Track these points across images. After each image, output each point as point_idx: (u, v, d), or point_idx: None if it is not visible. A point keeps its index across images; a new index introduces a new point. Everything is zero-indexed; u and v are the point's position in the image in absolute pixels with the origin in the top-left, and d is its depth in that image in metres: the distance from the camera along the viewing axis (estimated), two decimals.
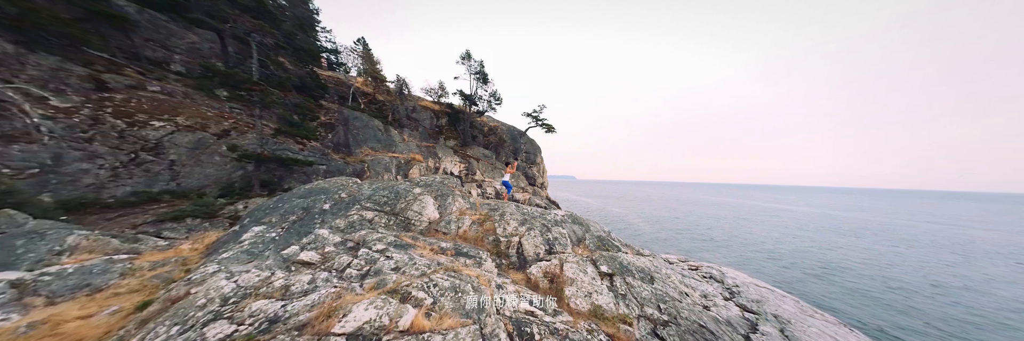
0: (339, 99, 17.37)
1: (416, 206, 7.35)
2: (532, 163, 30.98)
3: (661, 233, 26.67)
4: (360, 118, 17.39)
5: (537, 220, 7.67)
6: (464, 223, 7.39)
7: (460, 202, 8.35)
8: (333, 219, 6.28)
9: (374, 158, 16.46)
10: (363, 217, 6.58)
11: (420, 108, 23.25)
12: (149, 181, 8.85)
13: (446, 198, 8.11)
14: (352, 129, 16.64)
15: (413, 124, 21.76)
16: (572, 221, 8.31)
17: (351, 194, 7.56)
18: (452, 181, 9.41)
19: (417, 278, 4.13)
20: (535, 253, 6.63)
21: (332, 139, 15.35)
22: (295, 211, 6.51)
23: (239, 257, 4.78)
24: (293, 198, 7.10)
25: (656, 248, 20.28)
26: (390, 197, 7.44)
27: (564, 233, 7.37)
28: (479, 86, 26.70)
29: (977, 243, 25.85)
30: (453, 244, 6.21)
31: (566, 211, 9.31)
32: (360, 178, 14.78)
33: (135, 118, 9.10)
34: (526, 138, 31.31)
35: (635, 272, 6.23)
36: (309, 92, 14.08)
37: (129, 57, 10.03)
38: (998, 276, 16.58)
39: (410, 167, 17.68)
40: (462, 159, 22.06)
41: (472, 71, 26.13)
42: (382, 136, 18.20)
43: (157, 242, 6.46)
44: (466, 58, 25.53)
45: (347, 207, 6.86)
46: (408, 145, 19.43)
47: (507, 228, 7.24)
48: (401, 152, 18.46)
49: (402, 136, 19.93)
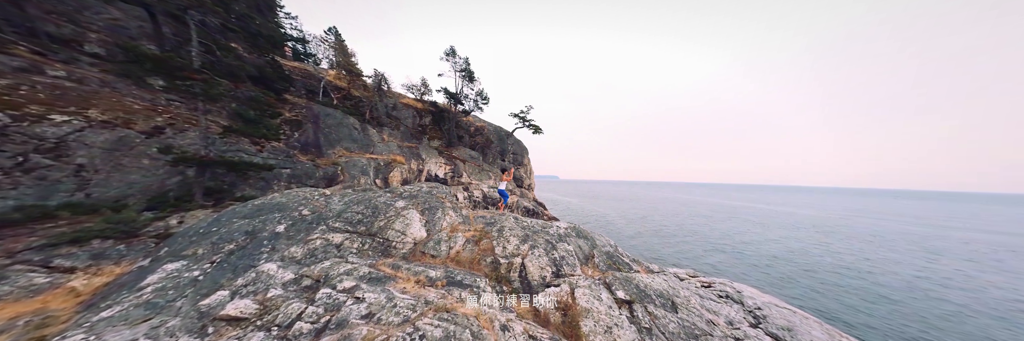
0: (308, 93, 15.39)
1: (399, 224, 5.98)
2: (520, 164, 29.91)
3: (640, 231, 29.25)
4: (333, 115, 15.52)
5: (540, 236, 6.54)
6: (457, 242, 6.11)
7: (451, 216, 7.04)
8: (288, 246, 4.80)
9: (349, 160, 14.69)
10: (329, 242, 5.13)
11: (401, 106, 21.48)
12: (44, 192, 6.85)
13: (435, 212, 6.77)
14: (323, 127, 14.76)
15: (394, 123, 20.00)
16: (577, 235, 7.34)
17: (316, 211, 6.05)
18: (441, 190, 8.04)
19: (397, 328, 3.04)
20: (541, 277, 5.53)
21: (299, 138, 13.45)
22: (234, 237, 4.93)
23: (131, 314, 3.26)
24: (234, 219, 5.50)
25: (640, 247, 22.72)
26: (366, 213, 6.01)
27: (570, 251, 6.32)
28: (465, 84, 25.27)
29: (886, 234, 32.03)
30: (444, 270, 4.95)
31: (569, 223, 8.34)
32: (333, 182, 13.03)
33: (24, 110, 7.04)
34: (513, 139, 30.19)
35: (655, 297, 5.27)
36: (269, 84, 12.15)
37: (20, 32, 7.86)
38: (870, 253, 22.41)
39: (391, 170, 16.02)
40: (447, 160, 20.56)
41: (457, 68, 24.66)
42: (358, 135, 16.39)
43: (33, 279, 4.69)
44: (450, 54, 24.07)
45: (309, 228, 5.38)
46: (388, 145, 17.71)
47: (507, 247, 6.05)
48: (380, 153, 16.73)
49: (381, 135, 18.16)
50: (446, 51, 24.09)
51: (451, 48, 24.29)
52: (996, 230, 38.45)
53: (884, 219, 47.83)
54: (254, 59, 11.47)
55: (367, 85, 17.78)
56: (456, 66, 24.63)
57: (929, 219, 48.97)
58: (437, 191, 8.01)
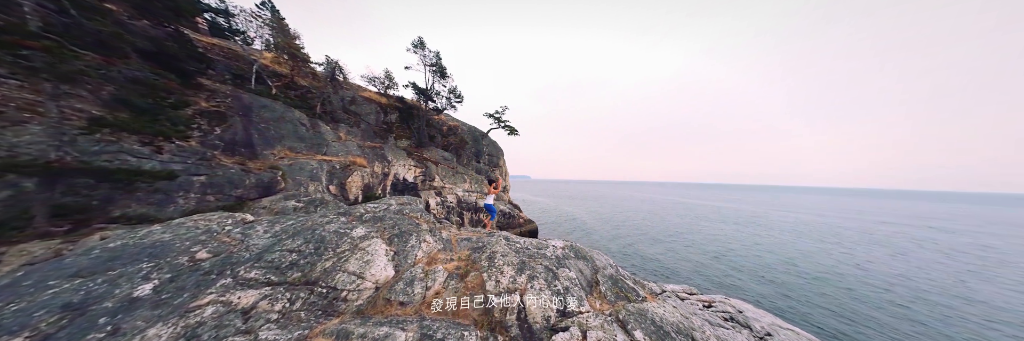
0: (234, 79, 12.21)
1: (355, 262, 4.07)
2: (495, 166, 28.24)
3: (607, 228, 32.14)
4: (271, 108, 12.52)
5: (538, 261, 5.14)
6: (436, 280, 4.39)
7: (429, 242, 5.23)
8: (148, 325, 2.69)
9: (294, 162, 11.91)
10: (231, 306, 3.07)
11: (362, 100, 18.63)
12: None
13: (407, 239, 4.92)
14: (257, 122, 11.78)
15: (353, 119, 17.16)
16: (575, 255, 6.07)
17: (221, 251, 3.86)
18: (414, 207, 6.12)
19: None
20: (544, 318, 4.12)
21: (222, 135, 10.44)
22: (33, 319, 2.64)
23: None
24: (52, 279, 3.11)
25: (610, 245, 24.38)
26: (306, 251, 3.99)
27: (573, 278, 5.01)
28: (436, 80, 22.99)
29: (808, 226, 38.09)
30: (417, 325, 3.29)
31: (564, 242, 6.97)
32: (270, 191, 10.26)
33: None
34: (488, 140, 28.45)
35: (674, 335, 4.22)
36: (173, 64, 9.12)
37: None
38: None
39: (349, 174, 13.43)
40: (418, 162, 18.22)
41: (427, 62, 22.30)
42: (307, 133, 13.53)
43: None
44: (419, 46, 21.65)
45: (201, 284, 3.25)
46: (346, 145, 14.99)
47: (501, 280, 4.51)
48: (336, 154, 14.01)
49: (337, 133, 15.35)
50: (414, 42, 21.63)
51: (419, 39, 21.87)
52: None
53: (784, 209, 58.16)
54: (147, 29, 8.41)
55: (317, 74, 14.81)
56: (426, 60, 22.26)
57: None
58: (410, 209, 6.09)
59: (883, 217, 52.14)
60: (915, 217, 53.35)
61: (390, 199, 6.57)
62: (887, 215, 57.95)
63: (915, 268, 19.77)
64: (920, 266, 20.31)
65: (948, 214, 60.07)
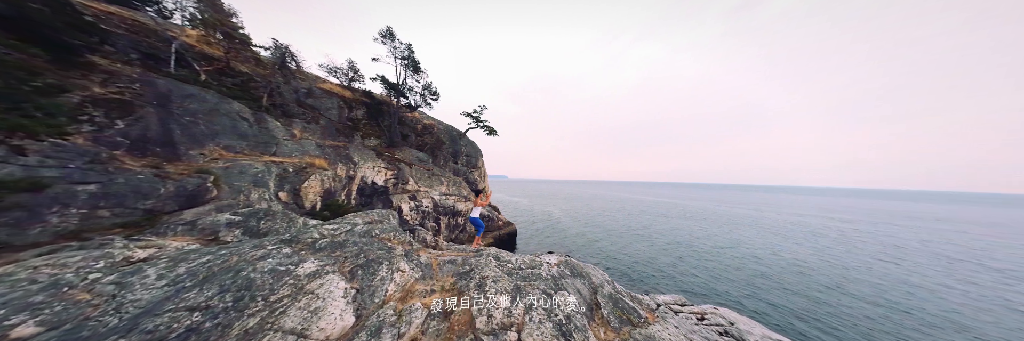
0: (145, 59, 9.72)
1: (295, 313, 2.73)
2: (473, 167, 26.83)
3: (581, 227, 35.51)
4: (200, 98, 10.18)
5: (533, 284, 4.36)
6: (412, 323, 3.29)
7: (405, 271, 4.01)
8: None
9: (232, 164, 9.78)
10: None
11: (321, 92, 16.32)
12: None
13: (376, 270, 3.68)
14: (181, 114, 9.46)
15: (310, 114, 14.90)
16: (571, 273, 5.57)
17: (66, 320, 2.29)
18: (386, 227, 4.77)
19: None
20: None
21: (127, 130, 8.11)
22: None
23: None
24: None
25: (586, 244, 26.34)
26: (219, 305, 2.55)
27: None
28: (409, 75, 21.08)
29: (745, 218, 45.47)
30: None
31: (557, 257, 6.47)
32: (196, 201, 8.16)
33: None
34: (466, 140, 26.95)
35: None
36: (45, 34, 6.79)
37: None
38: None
39: (305, 178, 11.42)
40: (389, 164, 16.37)
41: (397, 55, 20.33)
42: (250, 129, 11.30)
43: None
44: (387, 37, 19.64)
45: None
46: (302, 144, 12.85)
47: (494, 315, 3.54)
48: (289, 154, 11.90)
49: (291, 130, 13.13)
50: (381, 32, 19.56)
51: (388, 29, 19.84)
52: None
53: (728, 205, 68.37)
54: None
55: (261, 59, 12.42)
56: (396, 52, 20.27)
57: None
58: (381, 228, 4.74)
59: (798, 209, 62.66)
60: (821, 209, 63.76)
61: (355, 217, 5.12)
62: (804, 207, 68.82)
63: (804, 250, 25.76)
64: (809, 248, 26.17)
65: (843, 207, 72.17)
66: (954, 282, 17.85)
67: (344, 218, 4.99)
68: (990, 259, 23.81)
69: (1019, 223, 50.19)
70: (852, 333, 11.54)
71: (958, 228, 41.12)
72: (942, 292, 16.06)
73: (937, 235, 35.08)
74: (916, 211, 67.24)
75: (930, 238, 32.98)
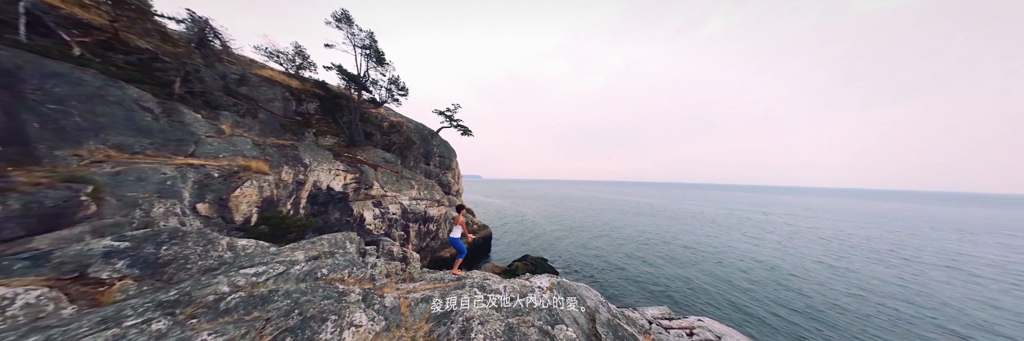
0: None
1: None
2: (447, 168, 25.01)
3: (556, 227, 37.53)
4: (73, 79, 7.48)
5: (527, 320, 3.40)
6: None
7: (362, 324, 2.66)
8: None
9: (125, 169, 7.31)
10: None
11: (258, 80, 13.61)
12: None
13: (316, 333, 2.15)
14: (43, 100, 6.78)
15: (245, 106, 12.25)
16: (564, 294, 5.33)
17: None
18: (341, 261, 3.21)
19: None
20: None
21: None
22: None
23: None
24: None
25: (562, 244, 28.22)
26: None
27: (574, 338, 3.29)
28: (372, 66, 18.73)
29: (700, 214, 53.00)
30: None
31: (549, 280, 6.03)
32: (63, 221, 5.75)
33: None
34: (439, 139, 25.05)
35: None
36: None
37: None
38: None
39: (236, 185, 9.06)
40: (349, 166, 14.15)
41: (357, 43, 17.92)
42: (155, 122, 8.71)
43: None
44: (343, 21, 17.08)
45: None
46: (233, 142, 10.36)
47: None
48: (215, 156, 9.44)
49: (217, 125, 10.54)
50: (335, 14, 17.01)
51: (343, 12, 17.34)
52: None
53: (688, 203, 76.98)
54: None
55: (168, 34, 9.61)
56: (355, 39, 17.84)
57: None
58: (332, 265, 3.29)
59: (730, 204, 73.59)
60: (753, 205, 74.68)
61: (296, 251, 3.55)
62: (737, 203, 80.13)
63: (731, 236, 33.13)
64: (734, 235, 33.01)
65: (770, 202, 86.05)
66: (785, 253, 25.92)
67: (279, 252, 3.38)
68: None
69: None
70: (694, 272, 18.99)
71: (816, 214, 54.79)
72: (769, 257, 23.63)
73: (810, 222, 45.24)
74: (814, 204, 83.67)
75: (799, 223, 43.38)
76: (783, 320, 13.08)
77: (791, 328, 12.41)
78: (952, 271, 20.64)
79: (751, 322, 13.05)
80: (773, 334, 12.05)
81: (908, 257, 24.11)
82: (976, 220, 55.62)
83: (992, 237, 34.16)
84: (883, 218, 54.53)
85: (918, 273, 20.19)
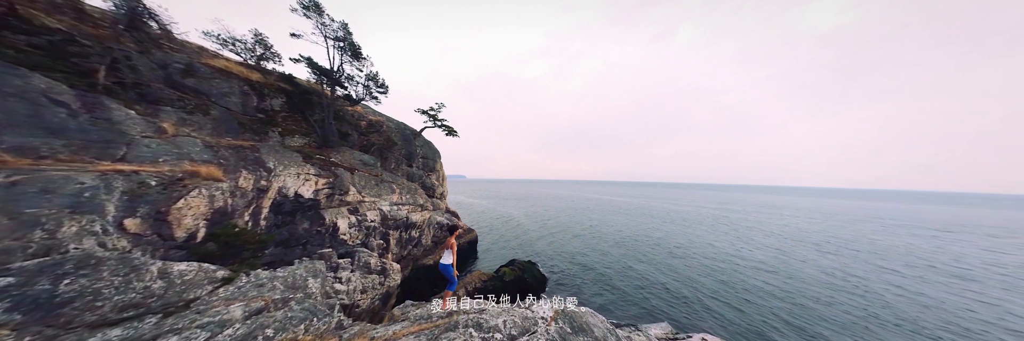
0: None
1: None
2: (431, 170, 23.80)
3: (542, 229, 37.86)
4: None
5: None
6: None
7: None
8: None
9: (26, 178, 5.83)
10: None
11: (209, 72, 11.90)
12: None
13: None
14: None
15: (194, 101, 10.62)
16: (572, 329, 4.72)
17: None
18: (294, 312, 2.31)
19: None
20: None
21: None
22: None
23: None
24: None
25: (546, 247, 28.30)
26: None
27: None
28: (347, 60, 17.17)
29: (670, 213, 56.74)
30: None
31: (552, 308, 5.57)
32: None
33: None
34: (422, 140, 23.76)
35: None
36: None
37: None
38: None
39: (179, 196, 7.62)
40: (321, 170, 12.78)
41: (329, 34, 16.30)
42: (71, 119, 7.15)
43: None
44: (312, 9, 15.30)
45: None
46: (177, 143, 8.84)
47: None
48: (153, 159, 7.94)
49: (158, 123, 8.96)
50: (302, 2, 15.24)
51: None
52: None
53: (644, 199, 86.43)
54: None
55: (89, 13, 7.95)
56: (326, 30, 16.21)
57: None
58: (282, 320, 3.00)
59: (700, 202, 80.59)
60: (718, 203, 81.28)
61: (232, 304, 2.59)
62: (707, 200, 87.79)
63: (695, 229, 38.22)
64: (699, 230, 37.35)
65: (734, 199, 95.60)
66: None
67: (206, 307, 2.41)
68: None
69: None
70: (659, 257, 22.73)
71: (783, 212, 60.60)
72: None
73: (770, 218, 50.14)
74: (778, 202, 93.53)
75: (765, 219, 48.60)
76: (783, 320, 14.36)
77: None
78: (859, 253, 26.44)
79: (748, 320, 14.13)
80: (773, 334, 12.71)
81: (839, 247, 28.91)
82: (905, 214, 63.70)
83: (908, 230, 40.98)
84: (831, 214, 60.41)
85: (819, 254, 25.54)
